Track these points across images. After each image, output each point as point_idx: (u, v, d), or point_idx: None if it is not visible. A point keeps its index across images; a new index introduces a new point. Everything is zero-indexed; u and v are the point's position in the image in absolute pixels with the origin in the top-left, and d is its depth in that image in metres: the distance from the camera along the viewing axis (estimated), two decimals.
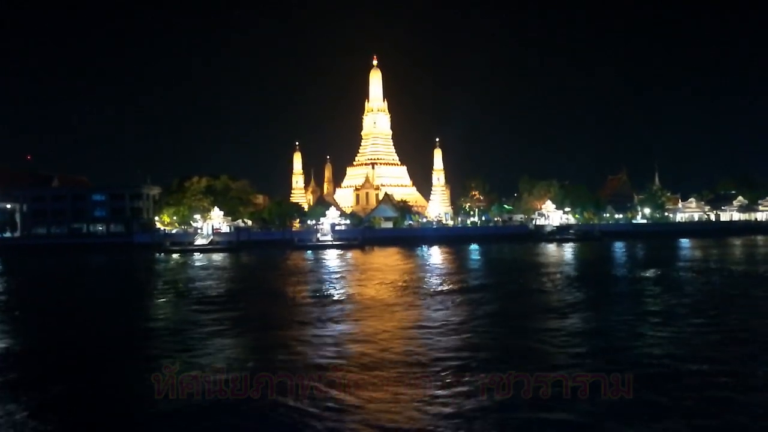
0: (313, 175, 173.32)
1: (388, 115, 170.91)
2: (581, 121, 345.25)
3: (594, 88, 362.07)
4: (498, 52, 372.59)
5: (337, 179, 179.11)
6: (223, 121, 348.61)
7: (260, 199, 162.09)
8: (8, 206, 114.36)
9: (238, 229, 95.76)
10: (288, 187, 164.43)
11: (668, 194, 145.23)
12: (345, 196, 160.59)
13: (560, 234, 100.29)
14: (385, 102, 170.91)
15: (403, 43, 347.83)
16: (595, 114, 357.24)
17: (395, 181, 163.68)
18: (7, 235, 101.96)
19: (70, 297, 41.20)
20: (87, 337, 25.08)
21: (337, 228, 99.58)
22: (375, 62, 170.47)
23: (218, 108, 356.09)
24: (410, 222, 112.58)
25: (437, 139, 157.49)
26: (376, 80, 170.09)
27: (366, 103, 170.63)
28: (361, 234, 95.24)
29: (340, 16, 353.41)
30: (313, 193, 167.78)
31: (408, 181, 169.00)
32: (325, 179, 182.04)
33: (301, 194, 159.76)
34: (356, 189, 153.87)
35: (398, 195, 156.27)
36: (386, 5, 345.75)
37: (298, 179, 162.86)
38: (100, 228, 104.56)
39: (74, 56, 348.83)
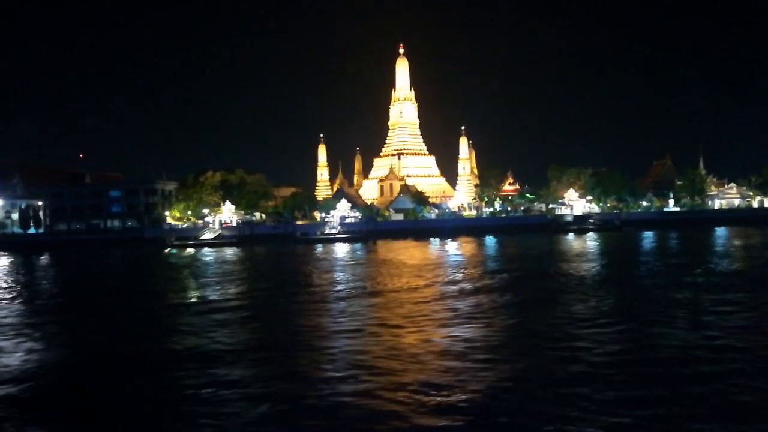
0: (341, 167, 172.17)
1: (415, 105, 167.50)
2: (626, 106, 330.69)
3: (639, 72, 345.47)
4: (533, 38, 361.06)
5: (367, 171, 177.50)
6: (251, 115, 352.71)
7: (291, 191, 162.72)
8: (39, 203, 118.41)
9: (242, 223, 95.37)
10: (314, 180, 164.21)
11: (714, 179, 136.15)
12: (371, 188, 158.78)
13: (579, 224, 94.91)
14: (412, 91, 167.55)
15: (431, 31, 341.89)
16: (640, 99, 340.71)
17: (422, 171, 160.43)
18: (32, 231, 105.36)
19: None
20: None
21: (347, 221, 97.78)
22: (401, 51, 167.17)
23: (245, 102, 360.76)
24: (421, 213, 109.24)
25: (463, 128, 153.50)
26: (402, 69, 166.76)
27: (393, 92, 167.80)
28: (366, 226, 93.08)
29: (366, 4, 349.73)
30: (340, 185, 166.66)
31: (436, 171, 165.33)
32: (355, 171, 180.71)
33: (326, 187, 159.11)
34: (380, 180, 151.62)
35: (425, 185, 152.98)
36: None
37: (322, 172, 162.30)
38: (117, 223, 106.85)
39: (105, 55, 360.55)
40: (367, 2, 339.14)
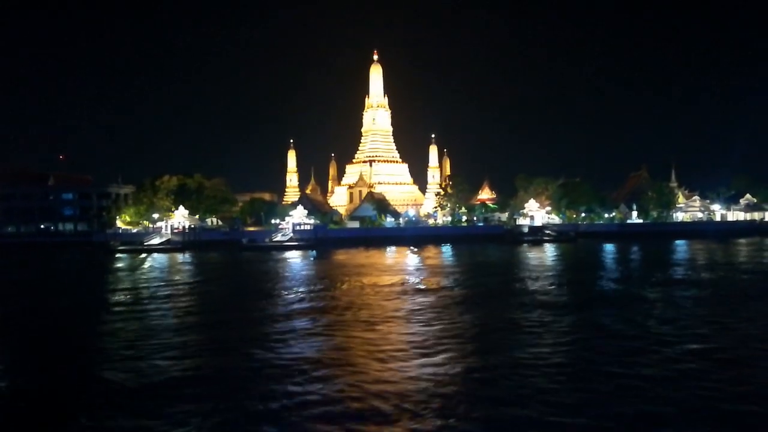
0: (313, 173, 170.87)
1: (389, 111, 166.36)
2: (607, 118, 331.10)
3: (616, 83, 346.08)
4: (509, 49, 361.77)
5: (342, 177, 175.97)
6: (229, 119, 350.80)
7: (267, 196, 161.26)
8: None
9: (186, 229, 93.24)
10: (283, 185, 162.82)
11: (686, 192, 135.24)
12: (342, 195, 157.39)
13: (533, 235, 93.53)
14: (386, 98, 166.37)
15: (405, 39, 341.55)
16: (621, 110, 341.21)
17: (394, 178, 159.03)
18: None
19: None
20: None
21: (299, 228, 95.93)
22: (375, 57, 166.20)
23: (222, 107, 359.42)
24: (377, 221, 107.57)
25: (433, 136, 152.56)
26: (376, 75, 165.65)
27: (366, 99, 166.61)
28: (315, 234, 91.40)
29: (340, 11, 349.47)
30: (312, 190, 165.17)
31: (408, 178, 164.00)
32: (330, 177, 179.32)
33: (294, 192, 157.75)
34: (350, 187, 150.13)
35: (396, 193, 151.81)
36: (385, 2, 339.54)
37: (291, 177, 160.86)
38: (70, 227, 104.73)
39: (81, 58, 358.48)
40: (342, 9, 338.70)
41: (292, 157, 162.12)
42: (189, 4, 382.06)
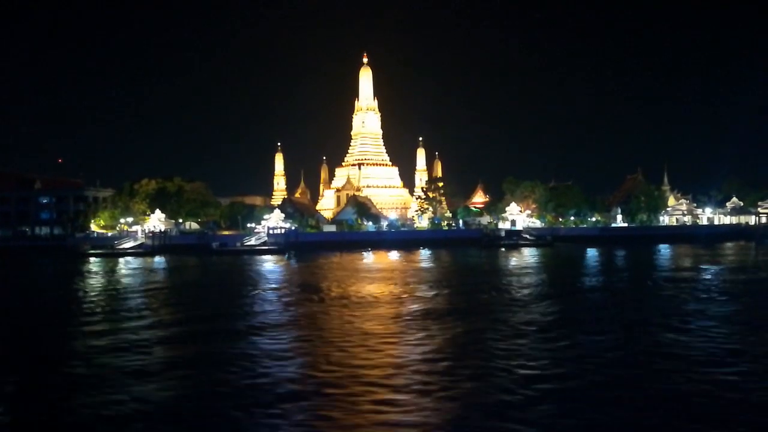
0: (303, 176, 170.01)
1: (378, 115, 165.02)
2: (602, 121, 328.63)
3: (607, 88, 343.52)
4: (503, 52, 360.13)
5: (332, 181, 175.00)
6: (218, 123, 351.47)
7: (258, 200, 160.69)
8: None
9: (154, 232, 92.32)
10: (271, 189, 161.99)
11: (679, 195, 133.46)
12: (331, 198, 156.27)
13: (510, 239, 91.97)
14: (376, 101, 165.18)
15: (394, 41, 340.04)
16: (616, 114, 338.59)
17: (383, 182, 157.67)
18: None
19: None
20: None
21: (273, 232, 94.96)
22: (365, 60, 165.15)
23: (211, 110, 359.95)
24: (353, 224, 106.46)
25: (420, 139, 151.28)
26: (366, 78, 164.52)
27: (356, 102, 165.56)
28: (285, 238, 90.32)
29: (329, 13, 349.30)
30: (302, 194, 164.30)
31: (398, 182, 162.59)
32: (321, 180, 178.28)
33: (282, 196, 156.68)
34: (337, 191, 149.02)
35: (384, 197, 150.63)
36: (374, 4, 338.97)
37: (279, 181, 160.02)
38: (46, 230, 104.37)
39: (84, 58, 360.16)
40: (332, 11, 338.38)
41: (279, 161, 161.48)
42: (175, 8, 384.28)
